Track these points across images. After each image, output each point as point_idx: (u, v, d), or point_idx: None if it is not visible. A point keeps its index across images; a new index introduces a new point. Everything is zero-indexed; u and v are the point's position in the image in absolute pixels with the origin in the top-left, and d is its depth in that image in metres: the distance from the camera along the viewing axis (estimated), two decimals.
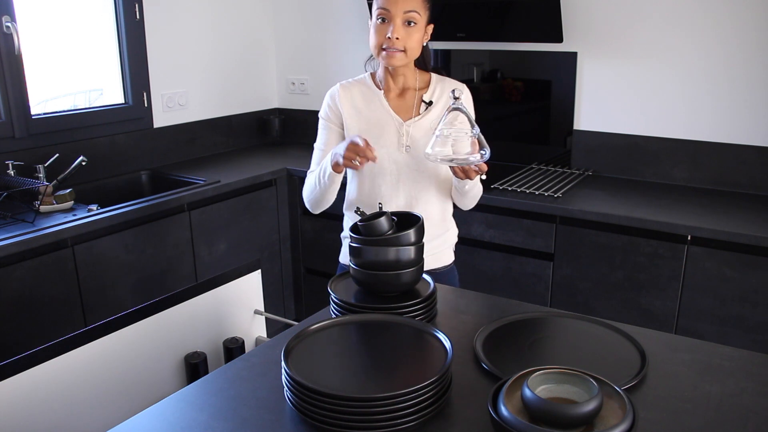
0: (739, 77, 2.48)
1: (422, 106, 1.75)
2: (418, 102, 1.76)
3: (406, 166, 1.74)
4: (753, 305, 2.11)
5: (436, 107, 1.75)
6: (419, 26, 1.65)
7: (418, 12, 1.64)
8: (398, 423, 0.99)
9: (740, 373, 1.18)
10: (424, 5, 1.66)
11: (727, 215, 2.24)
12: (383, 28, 1.65)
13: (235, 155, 3.31)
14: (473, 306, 1.49)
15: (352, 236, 1.35)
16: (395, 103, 1.76)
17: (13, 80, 2.47)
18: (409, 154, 1.73)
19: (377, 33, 1.66)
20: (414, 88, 1.77)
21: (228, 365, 1.24)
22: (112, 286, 2.34)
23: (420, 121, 1.73)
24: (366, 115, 1.75)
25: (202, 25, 3.21)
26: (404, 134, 1.73)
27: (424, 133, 1.72)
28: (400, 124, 1.73)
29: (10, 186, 2.34)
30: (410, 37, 1.65)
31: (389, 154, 1.73)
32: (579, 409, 0.90)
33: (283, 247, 3.10)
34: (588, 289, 2.40)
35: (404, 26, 1.64)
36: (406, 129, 1.73)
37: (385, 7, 1.64)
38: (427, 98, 1.75)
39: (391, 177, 1.74)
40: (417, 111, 1.75)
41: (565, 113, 2.86)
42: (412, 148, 1.73)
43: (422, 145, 1.70)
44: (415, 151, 1.73)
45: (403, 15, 1.63)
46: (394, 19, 1.63)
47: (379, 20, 1.65)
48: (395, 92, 1.77)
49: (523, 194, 2.49)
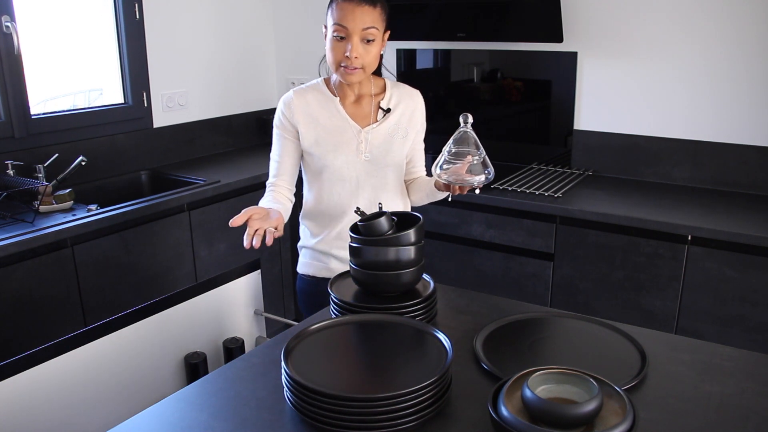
0: (740, 77, 2.48)
1: (380, 113, 1.73)
2: (375, 108, 1.73)
3: (365, 173, 1.72)
4: (753, 305, 2.11)
5: (393, 114, 1.74)
6: (377, 40, 1.61)
7: (376, 27, 1.59)
8: (398, 423, 0.99)
9: (740, 373, 1.18)
10: (381, 18, 1.60)
11: (727, 215, 2.24)
12: (341, 45, 1.59)
13: (235, 155, 3.31)
14: (473, 306, 1.49)
15: (352, 236, 1.35)
16: (351, 110, 1.73)
17: (13, 80, 2.47)
18: (368, 161, 1.71)
19: (334, 50, 1.60)
20: (370, 94, 1.74)
21: (228, 365, 1.24)
22: (112, 286, 2.34)
23: (378, 128, 1.71)
24: (322, 122, 1.71)
25: (202, 25, 3.21)
26: (362, 141, 1.70)
27: (383, 139, 1.71)
28: (358, 131, 1.71)
29: (10, 186, 2.34)
30: (368, 53, 1.60)
31: (348, 161, 1.70)
32: (579, 410, 0.90)
33: (282, 247, 3.10)
34: (588, 289, 2.40)
35: (362, 44, 1.58)
36: (365, 136, 1.70)
37: (341, 24, 1.57)
38: (385, 105, 1.73)
39: (350, 184, 1.72)
40: (375, 117, 1.73)
41: (565, 113, 2.86)
42: (371, 154, 1.71)
43: (381, 152, 1.71)
44: (374, 158, 1.71)
45: (362, 32, 1.57)
46: (352, 37, 1.57)
47: (336, 37, 1.59)
48: (351, 99, 1.73)
49: (523, 194, 2.49)
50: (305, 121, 1.71)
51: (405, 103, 1.76)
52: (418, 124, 1.79)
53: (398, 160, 1.75)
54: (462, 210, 2.58)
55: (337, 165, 1.70)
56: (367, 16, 1.57)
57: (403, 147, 1.76)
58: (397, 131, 1.74)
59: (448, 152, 1.52)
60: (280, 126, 1.74)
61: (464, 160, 1.49)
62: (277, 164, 1.76)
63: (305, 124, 1.71)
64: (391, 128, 1.73)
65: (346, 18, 1.56)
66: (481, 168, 1.51)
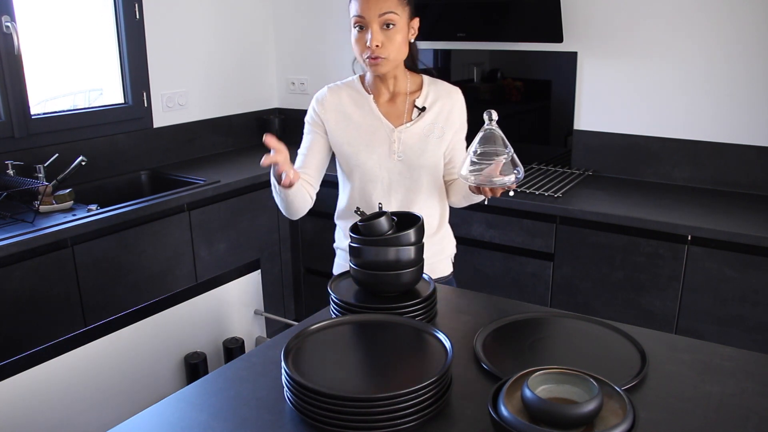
0: (740, 77, 2.48)
1: (414, 112, 1.67)
2: (409, 107, 1.68)
3: (398, 173, 1.67)
4: (753, 305, 2.11)
5: (429, 113, 1.67)
6: (399, 26, 1.56)
7: (395, 12, 1.54)
8: (398, 423, 0.99)
9: (740, 373, 1.18)
10: (400, 2, 1.56)
11: (727, 215, 2.24)
12: (362, 36, 1.57)
13: (235, 155, 3.31)
14: (473, 306, 1.49)
15: (352, 236, 1.35)
16: (386, 108, 1.68)
17: (13, 80, 2.47)
18: (401, 161, 1.66)
19: (357, 42, 1.58)
20: (405, 92, 1.69)
21: (228, 365, 1.24)
22: (112, 286, 2.34)
23: (412, 127, 1.66)
24: (356, 120, 1.67)
25: (202, 25, 3.21)
26: (395, 140, 1.65)
27: (417, 139, 1.66)
28: (391, 130, 1.66)
29: (10, 186, 2.34)
30: (391, 40, 1.56)
31: (380, 161, 1.66)
32: (579, 410, 0.90)
33: (282, 247, 3.10)
34: (588, 289, 2.40)
35: (382, 30, 1.55)
36: (398, 135, 1.65)
37: (359, 14, 1.55)
38: (420, 103, 1.67)
39: (382, 185, 1.68)
40: (409, 116, 1.67)
41: (565, 113, 2.86)
42: (405, 154, 1.66)
43: (414, 152, 1.66)
44: (407, 158, 1.66)
45: (379, 19, 1.53)
46: (371, 24, 1.54)
47: (357, 28, 1.57)
48: (386, 97, 1.69)
49: (523, 194, 2.49)
50: (336, 119, 1.68)
51: (442, 101, 1.69)
52: (457, 124, 1.70)
53: (433, 161, 1.68)
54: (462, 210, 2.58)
55: (369, 165, 1.66)
56: (383, 2, 1.53)
57: (439, 147, 1.68)
58: (433, 131, 1.67)
59: (474, 152, 1.45)
60: (311, 122, 1.71)
61: (495, 160, 1.42)
62: (303, 157, 1.72)
63: (336, 122, 1.68)
64: (427, 128, 1.66)
65: (362, 7, 1.54)
66: (510, 167, 1.44)
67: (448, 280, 1.82)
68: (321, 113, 1.69)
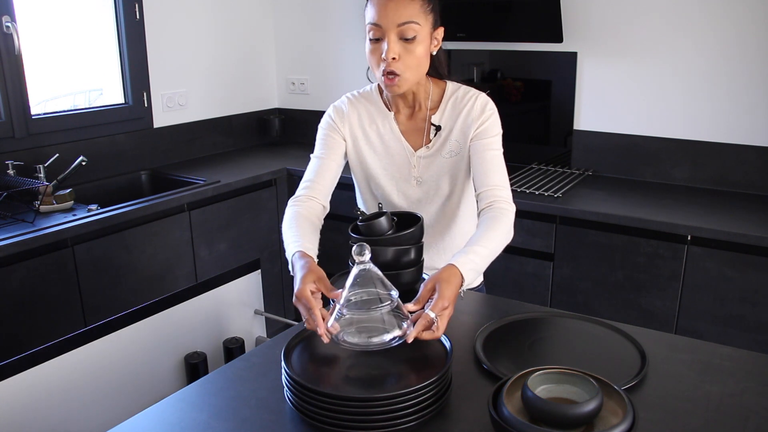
0: (739, 77, 2.48)
1: (432, 131, 1.50)
2: (428, 125, 1.50)
3: (418, 201, 1.54)
4: (753, 305, 2.11)
5: (446, 130, 1.49)
6: (421, 38, 1.36)
7: (416, 21, 1.34)
8: (398, 423, 0.99)
9: (740, 373, 1.18)
10: (423, 11, 1.36)
11: (727, 215, 2.24)
12: (377, 47, 1.37)
13: (235, 155, 3.31)
14: (473, 306, 1.49)
15: (352, 236, 1.35)
16: (406, 127, 1.52)
17: (13, 80, 2.47)
18: (420, 188, 1.53)
19: (372, 54, 1.39)
20: (426, 107, 1.50)
21: (228, 365, 1.24)
22: (112, 286, 2.34)
23: (431, 150, 1.50)
24: (374, 140, 1.52)
25: (202, 25, 3.21)
26: (415, 165, 1.51)
27: (438, 163, 1.50)
28: (411, 153, 1.51)
29: (10, 186, 2.34)
30: (410, 55, 1.37)
31: (398, 187, 1.53)
32: (579, 409, 0.90)
33: (283, 247, 3.10)
34: (588, 289, 2.40)
35: (401, 42, 1.35)
36: (417, 159, 1.50)
37: (375, 23, 1.35)
38: (437, 120, 1.50)
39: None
40: (428, 138, 1.50)
41: (565, 113, 2.86)
42: (422, 179, 1.52)
43: (434, 178, 1.52)
44: (427, 185, 1.52)
45: (398, 29, 1.34)
46: (388, 33, 1.34)
47: (372, 39, 1.38)
48: (406, 113, 1.52)
49: (523, 194, 2.48)
50: (354, 137, 1.54)
51: (461, 113, 1.49)
52: (471, 132, 1.48)
53: (456, 186, 1.53)
54: None
55: (387, 191, 1.53)
56: (403, 10, 1.33)
57: (459, 169, 1.51)
58: (452, 151, 1.50)
59: (343, 303, 1.09)
60: (329, 128, 1.54)
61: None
62: (318, 161, 1.53)
63: (354, 140, 1.54)
64: (446, 148, 1.49)
65: (379, 14, 1.34)
66: (394, 320, 1.09)
67: (479, 288, 1.73)
68: (340, 125, 1.54)
